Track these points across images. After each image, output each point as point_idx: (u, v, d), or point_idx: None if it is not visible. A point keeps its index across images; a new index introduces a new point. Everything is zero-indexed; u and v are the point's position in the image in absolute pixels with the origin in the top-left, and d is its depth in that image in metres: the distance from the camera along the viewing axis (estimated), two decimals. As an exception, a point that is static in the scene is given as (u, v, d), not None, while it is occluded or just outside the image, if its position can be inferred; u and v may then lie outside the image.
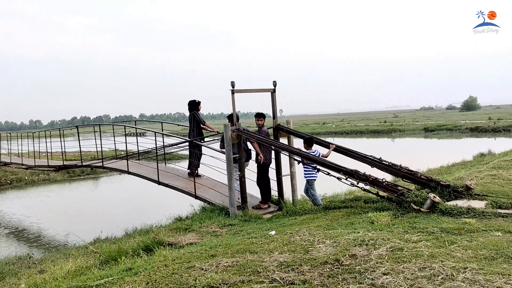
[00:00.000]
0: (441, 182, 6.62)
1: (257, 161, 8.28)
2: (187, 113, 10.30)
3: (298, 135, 8.49)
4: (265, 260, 4.18)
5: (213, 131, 10.07)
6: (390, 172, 7.26)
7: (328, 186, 9.49)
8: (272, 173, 8.52)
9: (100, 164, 11.99)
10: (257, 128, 8.45)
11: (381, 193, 6.62)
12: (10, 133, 21.14)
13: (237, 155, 7.97)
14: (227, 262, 4.20)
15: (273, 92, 8.52)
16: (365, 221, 5.52)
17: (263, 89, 8.63)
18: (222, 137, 8.37)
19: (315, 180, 7.79)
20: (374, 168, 7.21)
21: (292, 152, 7.78)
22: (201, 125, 10.04)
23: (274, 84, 8.44)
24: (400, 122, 52.95)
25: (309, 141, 8.11)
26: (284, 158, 8.39)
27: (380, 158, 7.30)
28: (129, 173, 10.92)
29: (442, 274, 3.40)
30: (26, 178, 21.06)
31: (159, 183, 9.84)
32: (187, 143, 10.14)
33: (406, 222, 5.27)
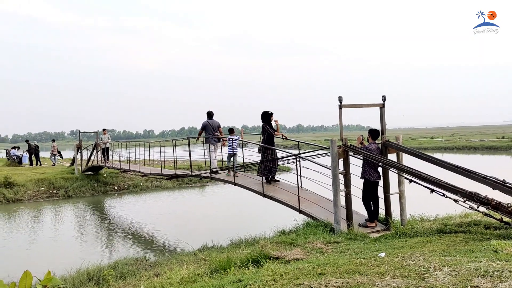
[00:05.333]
0: None
1: (362, 177, 8.09)
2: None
3: (408, 152, 8.09)
4: (377, 283, 4.02)
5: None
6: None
7: (439, 206, 8.90)
8: (378, 191, 8.24)
9: (208, 174, 12.56)
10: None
11: (506, 219, 6.02)
12: (129, 142, 23.12)
13: (344, 171, 7.85)
14: (336, 282, 4.12)
15: (382, 107, 8.26)
16: (487, 249, 5.06)
17: (372, 104, 8.40)
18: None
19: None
20: (496, 191, 6.58)
21: (401, 169, 7.44)
22: (272, 134, 10.90)
23: (383, 98, 8.18)
24: (522, 138, 47.87)
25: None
26: (393, 175, 8.06)
27: (504, 180, 6.65)
28: (235, 184, 11.29)
29: None
30: (141, 184, 22.93)
31: (264, 195, 10.04)
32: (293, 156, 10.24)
33: (537, 254, 4.71)
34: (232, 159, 12.66)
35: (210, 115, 13.19)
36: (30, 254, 11.37)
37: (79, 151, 24.20)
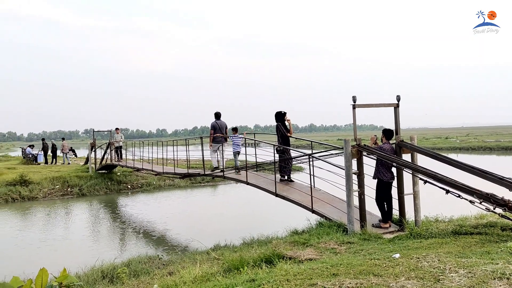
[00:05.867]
0: None
1: (375, 177, 8.04)
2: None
3: (423, 152, 8.00)
4: (391, 285, 3.99)
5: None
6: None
7: (453, 207, 8.79)
8: (392, 191, 8.17)
9: (221, 174, 12.59)
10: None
11: (523, 220, 5.92)
12: (143, 141, 23.29)
13: (358, 172, 7.80)
14: (350, 283, 4.10)
15: (396, 107, 8.19)
16: (504, 251, 4.98)
17: (386, 104, 8.34)
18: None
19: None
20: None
21: (416, 170, 7.36)
22: (285, 135, 10.94)
23: (398, 98, 8.11)
24: (539, 138, 47.06)
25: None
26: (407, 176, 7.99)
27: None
28: (248, 183, 11.30)
29: None
30: (154, 183, 23.08)
31: (276, 195, 10.03)
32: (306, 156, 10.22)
33: (556, 257, 4.63)
34: (236, 156, 13.33)
35: (218, 116, 13.67)
36: (44, 251, 11.52)
37: (93, 149, 24.44)
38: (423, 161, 8.00)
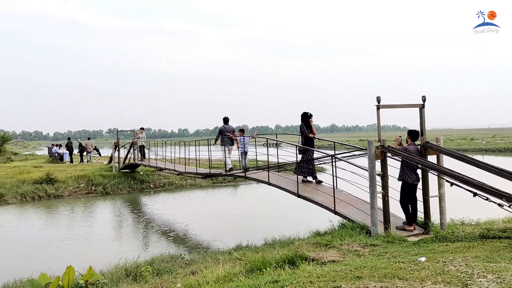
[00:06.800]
0: None
1: (400, 178, 7.92)
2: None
3: (449, 153, 7.84)
4: (417, 289, 3.92)
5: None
6: None
7: (478, 210, 8.59)
8: (417, 193, 8.04)
9: (243, 174, 12.62)
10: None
11: (554, 225, 5.74)
12: (165, 141, 23.51)
13: (381, 173, 7.70)
14: (375, 286, 4.05)
15: (421, 107, 8.05)
16: (534, 257, 4.84)
17: (411, 105, 8.20)
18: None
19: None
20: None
21: (442, 172, 7.22)
22: (307, 136, 11.03)
23: (423, 99, 7.96)
24: None
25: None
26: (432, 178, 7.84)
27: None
28: (270, 184, 11.28)
29: None
30: (176, 182, 23.29)
31: (298, 195, 9.98)
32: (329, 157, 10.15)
33: None
34: (244, 156, 14.02)
35: (226, 120, 14.43)
36: (69, 249, 11.75)
37: (117, 149, 24.82)
38: (448, 162, 7.84)
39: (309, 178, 11.32)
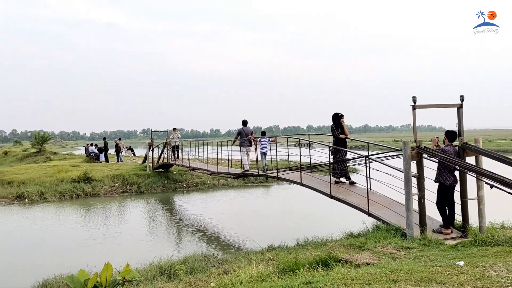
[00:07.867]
0: None
1: (436, 180, 7.73)
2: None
3: (489, 155, 7.56)
4: (456, 294, 3.81)
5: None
6: None
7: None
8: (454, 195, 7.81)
9: (275, 174, 12.61)
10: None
11: None
12: (198, 141, 23.78)
13: (417, 174, 7.53)
14: (411, 290, 3.96)
15: (459, 107, 7.82)
16: None
17: (448, 104, 7.98)
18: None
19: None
20: None
21: (482, 173, 6.99)
22: (338, 137, 11.00)
23: (462, 98, 7.73)
24: None
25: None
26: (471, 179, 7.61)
27: None
28: (302, 184, 11.22)
29: None
30: (208, 182, 23.52)
31: (331, 197, 9.89)
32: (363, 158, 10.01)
33: None
34: (263, 157, 14.69)
35: (244, 123, 15.26)
36: (105, 246, 12.06)
37: (151, 149, 25.29)
38: (487, 164, 7.59)
39: (342, 179, 11.20)
